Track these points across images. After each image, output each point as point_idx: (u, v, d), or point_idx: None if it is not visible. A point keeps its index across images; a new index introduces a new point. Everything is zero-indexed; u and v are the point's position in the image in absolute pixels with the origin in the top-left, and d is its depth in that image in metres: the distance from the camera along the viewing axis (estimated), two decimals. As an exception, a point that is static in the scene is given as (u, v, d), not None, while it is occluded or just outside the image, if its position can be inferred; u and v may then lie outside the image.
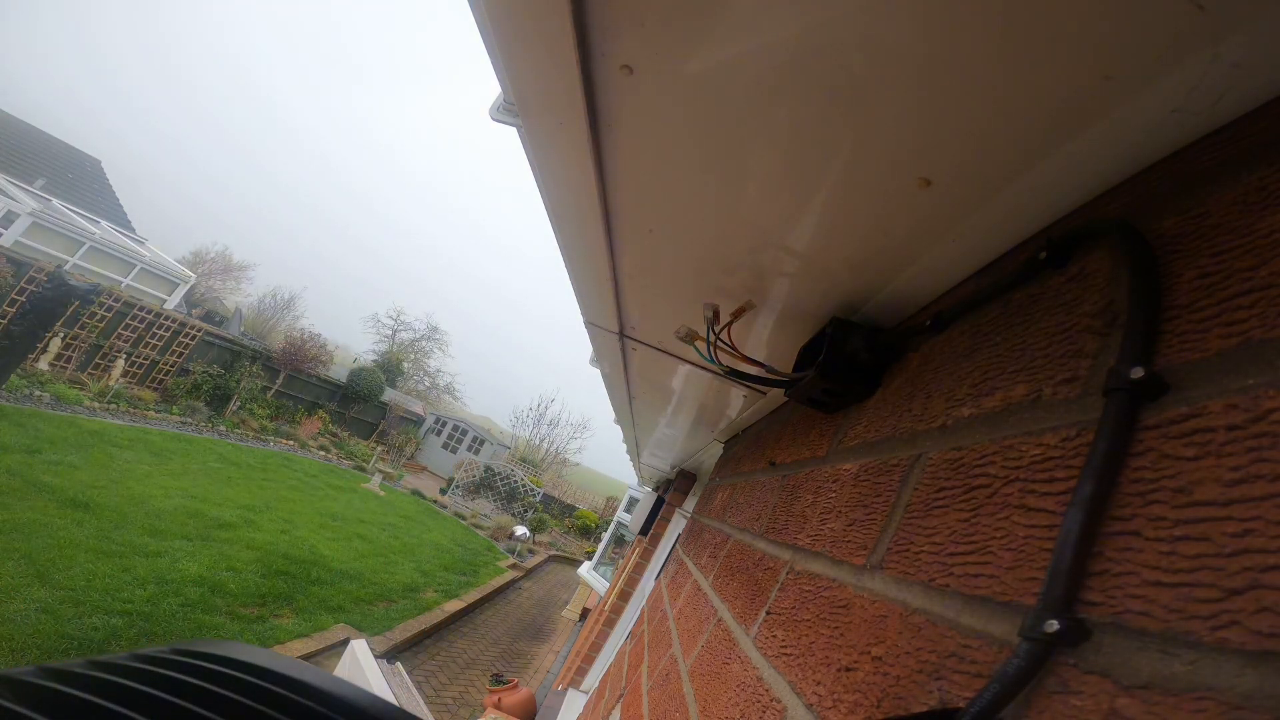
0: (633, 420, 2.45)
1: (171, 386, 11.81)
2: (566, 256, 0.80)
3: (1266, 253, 0.23)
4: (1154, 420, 0.25)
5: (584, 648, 3.74)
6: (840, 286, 0.57)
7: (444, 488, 16.60)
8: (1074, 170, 0.34)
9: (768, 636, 0.54)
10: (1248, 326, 0.22)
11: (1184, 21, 0.24)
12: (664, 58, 0.35)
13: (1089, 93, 0.29)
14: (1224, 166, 0.28)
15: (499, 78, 0.44)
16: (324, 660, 4.44)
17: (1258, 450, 0.20)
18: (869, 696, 0.34)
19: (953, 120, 0.33)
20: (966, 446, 0.37)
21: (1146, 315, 0.27)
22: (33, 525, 4.80)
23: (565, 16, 0.33)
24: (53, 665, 0.18)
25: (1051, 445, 0.29)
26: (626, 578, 3.58)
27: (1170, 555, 0.21)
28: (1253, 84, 0.26)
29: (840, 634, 0.41)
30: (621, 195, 0.54)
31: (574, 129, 0.44)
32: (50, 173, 15.56)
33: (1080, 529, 0.24)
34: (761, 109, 0.37)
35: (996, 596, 0.28)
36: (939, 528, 0.36)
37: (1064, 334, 0.33)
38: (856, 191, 0.42)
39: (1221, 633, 0.18)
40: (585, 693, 3.30)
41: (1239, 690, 0.17)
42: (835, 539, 0.50)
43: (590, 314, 1.07)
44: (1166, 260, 0.28)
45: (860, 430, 0.57)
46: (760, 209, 0.48)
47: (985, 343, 0.41)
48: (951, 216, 0.41)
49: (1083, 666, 0.22)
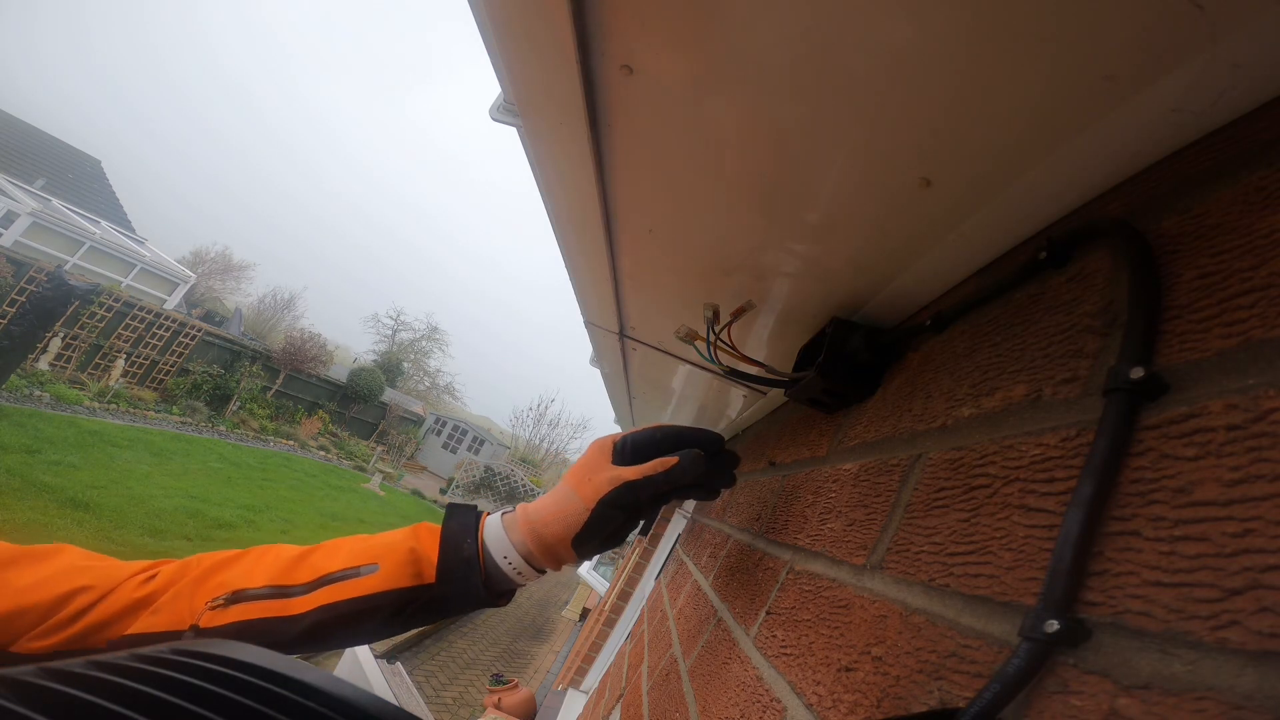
0: (633, 420, 2.45)
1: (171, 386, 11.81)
2: (566, 256, 0.80)
3: (1266, 253, 0.23)
4: (1154, 420, 0.25)
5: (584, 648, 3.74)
6: (840, 286, 0.57)
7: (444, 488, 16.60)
8: (1074, 170, 0.34)
9: (768, 636, 0.54)
10: (1248, 326, 0.22)
11: (1184, 21, 0.24)
12: (664, 58, 0.35)
13: (1089, 93, 0.29)
14: (1224, 166, 0.28)
15: (499, 78, 0.44)
16: (324, 660, 4.44)
17: (1258, 450, 0.20)
18: (869, 696, 0.34)
19: (953, 120, 0.33)
20: (966, 446, 0.37)
21: (1146, 315, 0.27)
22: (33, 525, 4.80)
23: (565, 16, 0.33)
24: (53, 665, 0.18)
25: (1051, 445, 0.29)
26: (626, 578, 3.58)
27: (1170, 555, 0.21)
28: (1252, 84, 0.26)
29: (840, 634, 0.41)
30: (621, 195, 0.54)
31: (574, 129, 0.44)
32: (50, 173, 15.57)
33: (1080, 529, 0.24)
34: (762, 109, 0.37)
35: (996, 596, 0.28)
36: (939, 528, 0.36)
37: (1064, 334, 0.33)
38: (856, 191, 0.42)
39: (1221, 633, 0.18)
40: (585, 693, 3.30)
41: (1239, 690, 0.17)
42: (835, 539, 0.50)
43: (590, 314, 1.07)
44: (1166, 260, 0.28)
45: (860, 430, 0.57)
46: (761, 209, 0.48)
47: (985, 343, 0.41)
48: (951, 216, 0.42)
49: (1083, 666, 0.22)
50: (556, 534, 0.57)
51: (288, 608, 0.53)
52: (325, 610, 0.53)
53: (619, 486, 0.57)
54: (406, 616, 0.56)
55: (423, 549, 0.57)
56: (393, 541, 0.57)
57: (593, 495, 0.57)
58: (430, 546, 0.57)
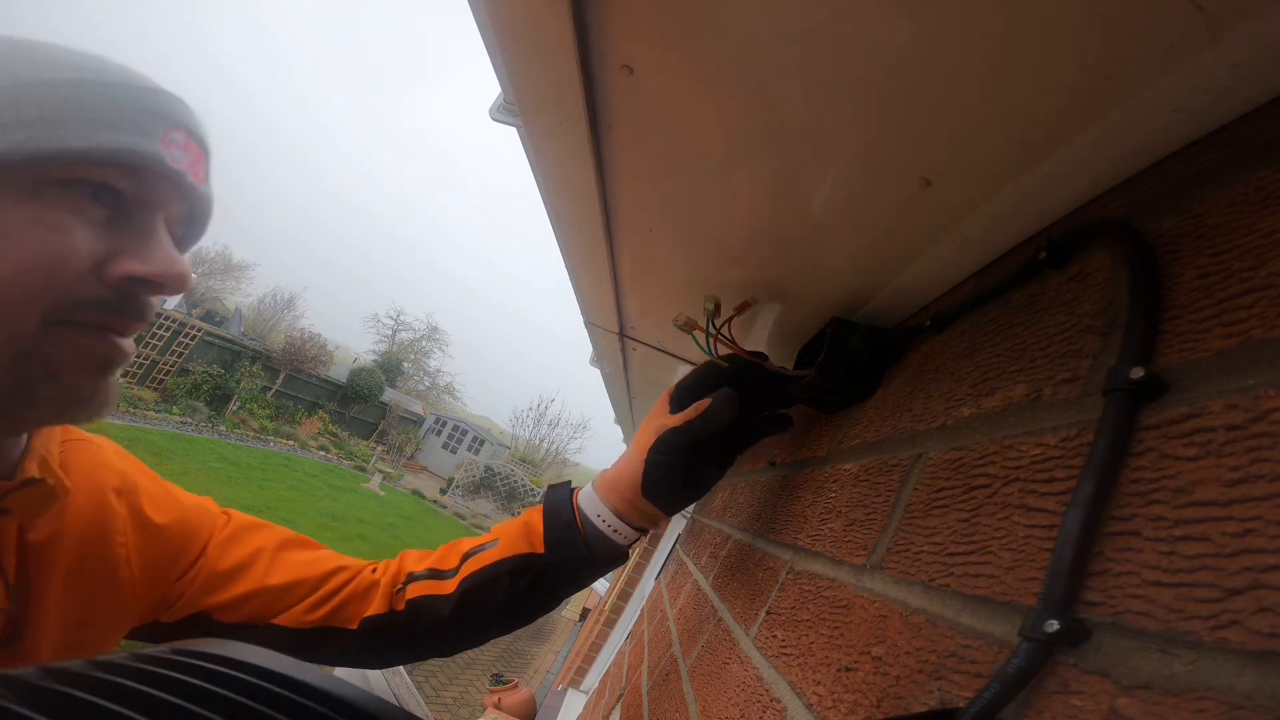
0: (633, 420, 2.45)
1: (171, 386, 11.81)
2: (566, 256, 0.80)
3: (1266, 253, 0.23)
4: (1154, 420, 0.25)
5: (584, 648, 3.74)
6: (840, 286, 0.57)
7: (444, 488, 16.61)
8: (1074, 170, 0.34)
9: (768, 636, 0.54)
10: (1248, 326, 0.22)
11: (1184, 21, 0.24)
12: (664, 58, 0.35)
13: (1089, 93, 0.29)
14: (1224, 166, 0.28)
15: (499, 78, 0.44)
16: (324, 660, 4.44)
17: (1258, 450, 0.20)
18: (869, 696, 0.34)
19: (953, 120, 0.33)
20: (966, 446, 0.37)
21: (1146, 315, 0.27)
22: (33, 525, 4.79)
23: (565, 16, 0.33)
24: (53, 665, 0.18)
25: (1051, 445, 0.29)
26: (626, 578, 3.59)
27: (1170, 555, 0.21)
28: (1252, 84, 0.26)
29: (840, 634, 0.41)
30: (621, 195, 0.54)
31: (574, 129, 0.44)
32: (50, 173, 15.53)
33: (1080, 529, 0.24)
34: (762, 109, 0.37)
35: (996, 596, 0.28)
36: (939, 528, 0.36)
37: (1064, 334, 0.33)
38: (857, 192, 0.42)
39: (1221, 633, 0.18)
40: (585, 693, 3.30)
41: (1239, 690, 0.17)
42: (835, 539, 0.50)
43: (590, 314, 1.07)
44: (1166, 260, 0.28)
45: (860, 430, 0.57)
46: (761, 210, 0.48)
47: (985, 343, 0.41)
48: (952, 216, 0.42)
49: (1083, 666, 0.22)
50: (629, 487, 0.62)
51: (443, 587, 0.64)
52: (467, 581, 0.63)
53: (662, 434, 0.61)
54: (531, 579, 0.63)
55: (532, 522, 0.65)
56: (513, 521, 0.67)
57: (644, 446, 0.62)
58: (537, 520, 0.65)
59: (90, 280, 0.39)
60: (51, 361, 0.38)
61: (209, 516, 0.65)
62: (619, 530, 0.63)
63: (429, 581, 0.66)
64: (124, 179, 0.40)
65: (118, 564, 0.56)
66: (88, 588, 0.53)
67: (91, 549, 0.53)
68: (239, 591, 0.61)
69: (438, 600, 0.64)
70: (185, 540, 0.61)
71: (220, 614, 0.61)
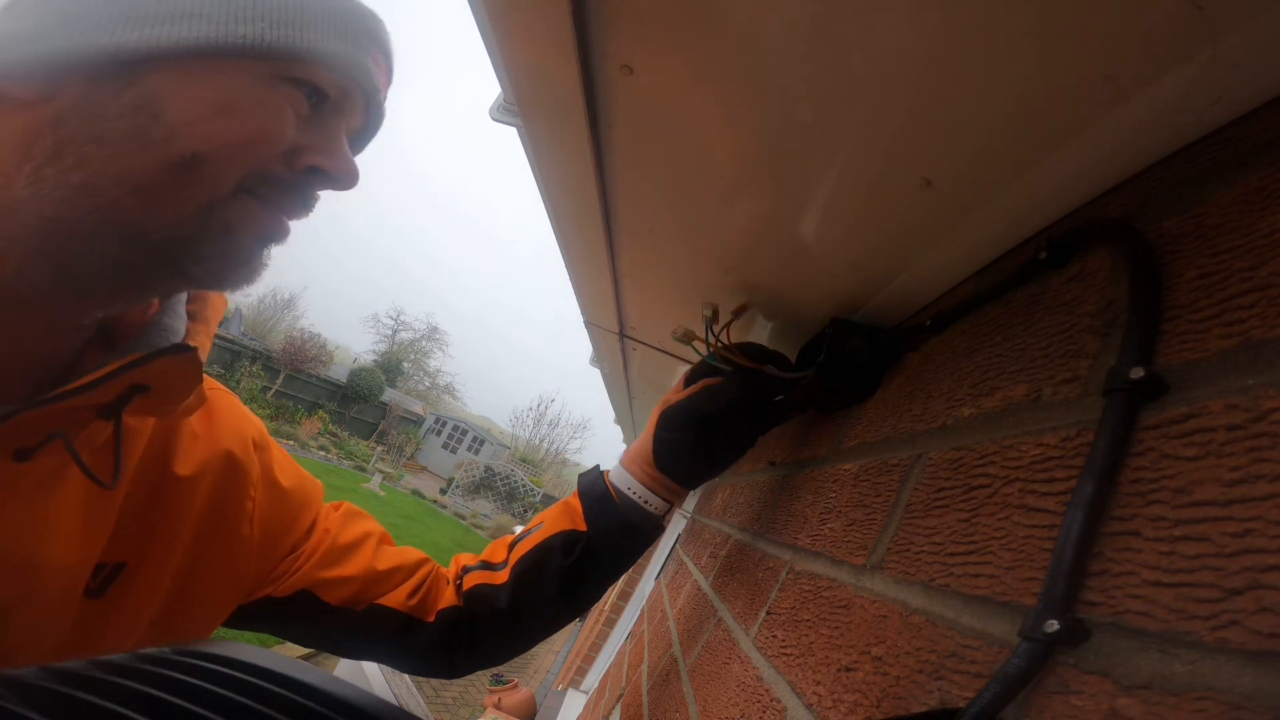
0: (633, 420, 2.45)
1: (171, 386, 11.78)
2: (566, 256, 0.80)
3: (1266, 253, 0.23)
4: (1154, 420, 0.25)
5: (584, 648, 3.74)
6: (840, 287, 0.57)
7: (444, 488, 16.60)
8: (1074, 170, 0.34)
9: (768, 636, 0.54)
10: (1248, 326, 0.22)
11: (1184, 21, 0.24)
12: (664, 58, 0.35)
13: (1089, 93, 0.29)
14: (1224, 166, 0.28)
15: (499, 77, 0.44)
16: (324, 660, 4.44)
17: (1258, 450, 0.20)
18: (869, 696, 0.34)
19: (953, 121, 0.33)
20: (966, 446, 0.37)
21: (1146, 315, 0.27)
22: (33, 525, 4.78)
23: (565, 16, 0.33)
24: (53, 665, 0.18)
25: (1051, 445, 0.29)
26: (626, 578, 3.58)
27: (1170, 555, 0.21)
28: (1252, 84, 0.26)
29: (840, 634, 0.41)
30: (621, 195, 0.54)
31: (574, 129, 0.44)
32: (50, 173, 15.53)
33: (1080, 529, 0.24)
34: (762, 109, 0.37)
35: (996, 596, 0.28)
36: (939, 528, 0.36)
37: (1064, 334, 0.33)
38: (857, 192, 0.42)
39: (1221, 633, 0.18)
40: (585, 693, 3.30)
41: (1239, 690, 0.17)
42: (835, 539, 0.50)
43: (590, 314, 1.08)
44: (1166, 260, 0.28)
45: (860, 430, 0.57)
46: (761, 209, 0.48)
47: (985, 343, 0.41)
48: (951, 216, 0.41)
49: (1083, 666, 0.22)
50: (645, 460, 0.66)
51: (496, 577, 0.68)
52: (517, 566, 0.67)
53: (666, 409, 0.66)
54: (579, 554, 0.65)
55: (572, 503, 0.70)
56: (553, 506, 0.71)
57: (654, 421, 0.66)
58: (576, 501, 0.69)
59: (282, 163, 0.43)
60: (230, 222, 0.42)
61: (318, 492, 0.67)
62: (649, 501, 0.66)
63: (483, 572, 0.69)
64: (334, 86, 0.45)
65: (243, 520, 0.55)
66: (211, 538, 0.52)
67: (228, 497, 0.53)
68: (349, 571, 0.63)
69: (492, 590, 0.67)
70: (299, 510, 0.62)
71: (325, 591, 0.62)
